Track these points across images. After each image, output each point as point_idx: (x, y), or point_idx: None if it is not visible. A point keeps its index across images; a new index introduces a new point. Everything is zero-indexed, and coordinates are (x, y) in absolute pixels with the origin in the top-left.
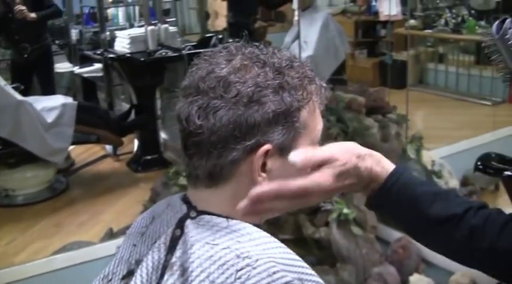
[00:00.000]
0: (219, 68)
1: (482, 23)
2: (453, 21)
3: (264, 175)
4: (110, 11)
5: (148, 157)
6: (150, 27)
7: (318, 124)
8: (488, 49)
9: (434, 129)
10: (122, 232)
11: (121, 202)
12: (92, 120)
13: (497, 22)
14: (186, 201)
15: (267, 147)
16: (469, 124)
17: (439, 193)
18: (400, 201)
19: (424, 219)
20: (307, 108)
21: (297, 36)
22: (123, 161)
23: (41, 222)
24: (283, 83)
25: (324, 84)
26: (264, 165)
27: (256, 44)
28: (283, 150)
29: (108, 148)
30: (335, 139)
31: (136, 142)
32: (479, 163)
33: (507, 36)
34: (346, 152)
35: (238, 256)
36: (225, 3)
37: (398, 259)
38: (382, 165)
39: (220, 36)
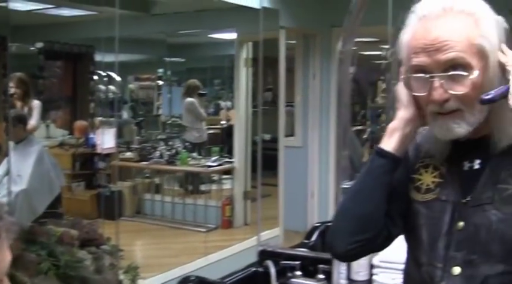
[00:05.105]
0: None
1: (194, 154)
2: (168, 153)
3: None
4: None
5: None
6: None
7: (7, 258)
8: None
9: (152, 258)
10: None
11: None
12: None
13: None
14: None
15: None
16: (185, 251)
17: None
18: None
19: None
20: None
21: (9, 170)
22: None
23: None
24: None
25: (13, 220)
26: None
27: None
28: None
29: None
30: (45, 274)
31: None
32: None
33: None
34: None
35: None
36: None
37: None
38: None
39: None
